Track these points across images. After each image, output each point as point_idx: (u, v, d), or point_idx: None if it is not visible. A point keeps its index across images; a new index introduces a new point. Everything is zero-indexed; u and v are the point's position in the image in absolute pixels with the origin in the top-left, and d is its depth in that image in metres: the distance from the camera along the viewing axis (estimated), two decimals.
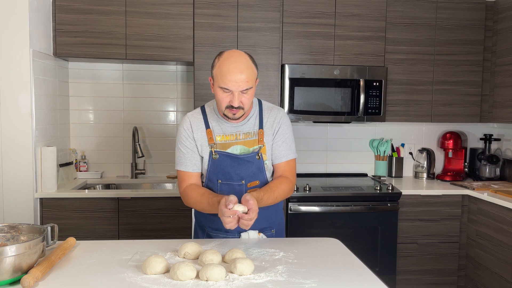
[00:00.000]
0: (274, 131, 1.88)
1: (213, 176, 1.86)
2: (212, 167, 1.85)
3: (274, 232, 1.95)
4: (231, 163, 1.84)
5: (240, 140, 1.86)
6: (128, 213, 2.86)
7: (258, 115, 1.89)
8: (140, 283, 1.34)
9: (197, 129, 1.86)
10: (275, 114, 1.90)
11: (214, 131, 1.86)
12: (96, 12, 2.99)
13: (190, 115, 1.90)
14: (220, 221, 1.86)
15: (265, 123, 1.88)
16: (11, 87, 2.68)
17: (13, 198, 2.71)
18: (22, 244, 1.29)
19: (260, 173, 1.87)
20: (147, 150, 3.49)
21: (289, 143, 1.91)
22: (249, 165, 1.84)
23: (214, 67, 1.76)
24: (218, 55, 1.77)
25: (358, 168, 3.70)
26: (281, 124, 1.89)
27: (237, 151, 1.85)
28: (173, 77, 3.49)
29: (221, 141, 1.85)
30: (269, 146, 1.88)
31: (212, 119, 1.87)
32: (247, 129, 1.86)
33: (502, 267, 2.83)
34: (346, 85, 3.20)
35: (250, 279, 1.37)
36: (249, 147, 1.86)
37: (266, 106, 1.93)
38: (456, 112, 3.41)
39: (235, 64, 1.70)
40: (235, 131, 1.86)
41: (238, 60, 1.72)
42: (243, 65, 1.71)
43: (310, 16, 3.18)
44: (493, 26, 3.38)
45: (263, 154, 1.86)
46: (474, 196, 3.08)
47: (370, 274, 1.45)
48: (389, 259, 3.07)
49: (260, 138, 1.86)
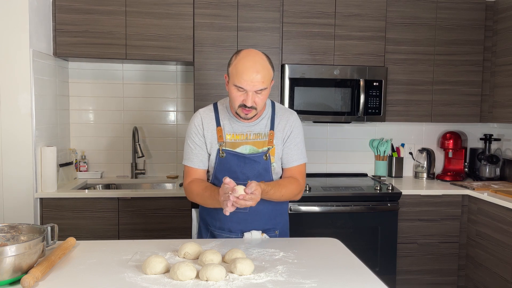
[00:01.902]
0: (285, 135, 1.88)
1: (219, 174, 1.86)
2: (219, 165, 1.86)
3: (277, 233, 1.94)
4: (237, 162, 1.84)
5: (250, 140, 1.86)
6: (128, 213, 2.86)
7: (271, 117, 1.89)
8: (140, 283, 1.34)
9: (207, 126, 1.86)
10: (288, 118, 1.90)
11: (225, 129, 1.86)
12: (96, 12, 2.99)
13: (202, 111, 1.90)
14: (224, 220, 1.86)
15: (277, 125, 1.88)
16: (11, 87, 2.68)
17: (13, 198, 2.71)
18: (22, 244, 1.29)
19: (267, 174, 1.86)
20: (147, 150, 3.49)
21: (301, 147, 1.92)
22: (255, 165, 1.84)
23: (230, 65, 1.76)
24: (235, 53, 1.77)
25: (358, 168, 3.70)
26: (294, 127, 1.90)
27: (246, 151, 1.85)
28: (173, 77, 3.49)
29: (230, 140, 1.85)
30: (278, 149, 1.88)
31: (223, 117, 1.87)
32: (258, 129, 1.86)
33: (502, 267, 2.83)
34: (346, 85, 3.20)
35: (250, 279, 1.37)
36: (258, 148, 1.86)
37: (279, 108, 1.93)
38: (456, 112, 3.41)
39: (251, 63, 1.70)
40: (246, 131, 1.86)
41: (254, 60, 1.71)
42: (260, 65, 1.71)
43: (310, 16, 3.18)
44: (493, 26, 3.38)
45: (271, 156, 1.86)
46: (474, 196, 3.08)
47: (370, 274, 1.45)
48: (389, 259, 3.07)
49: (270, 140, 1.86)
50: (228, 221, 1.88)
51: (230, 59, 1.78)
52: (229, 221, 1.88)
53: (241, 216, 1.85)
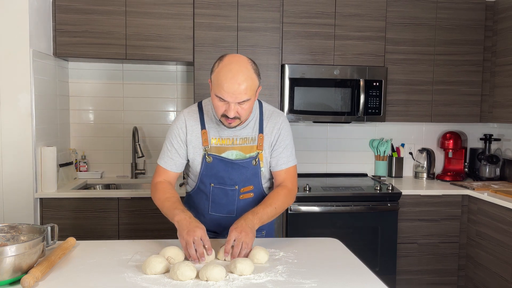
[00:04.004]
0: (274, 138, 1.81)
1: (206, 179, 1.81)
2: (205, 170, 1.80)
3: (264, 234, 1.92)
4: (225, 168, 1.78)
5: (237, 145, 1.78)
6: (128, 213, 2.86)
7: (258, 119, 1.81)
8: (140, 283, 1.34)
9: (191, 129, 1.78)
10: (276, 120, 1.82)
11: (210, 133, 1.78)
12: (96, 12, 2.99)
13: (186, 113, 1.81)
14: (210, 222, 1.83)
15: (265, 127, 1.81)
16: (11, 87, 2.68)
17: (13, 198, 2.71)
18: (22, 244, 1.29)
19: (255, 178, 1.82)
20: (147, 150, 3.49)
21: (290, 149, 1.84)
22: (243, 170, 1.79)
23: (213, 72, 1.64)
24: (219, 59, 1.65)
25: (358, 168, 3.70)
26: (282, 130, 1.81)
27: (232, 156, 1.78)
28: (173, 77, 3.49)
29: (216, 145, 1.78)
30: (266, 153, 1.81)
31: (208, 119, 1.79)
32: (245, 134, 1.78)
33: (502, 267, 2.83)
34: (346, 85, 3.20)
35: (250, 279, 1.37)
36: (245, 153, 1.78)
37: (266, 110, 1.84)
38: (456, 112, 3.41)
39: (233, 73, 1.57)
40: (232, 135, 1.78)
41: (237, 69, 1.58)
42: (243, 76, 1.58)
43: (310, 16, 3.18)
44: (493, 26, 3.38)
45: (260, 161, 1.80)
46: (474, 196, 3.08)
47: (370, 274, 1.45)
48: (389, 259, 3.07)
49: (259, 143, 1.79)
50: (214, 224, 1.84)
51: (213, 64, 1.66)
52: (215, 224, 1.84)
53: (227, 220, 1.78)
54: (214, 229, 1.85)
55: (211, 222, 1.84)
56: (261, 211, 1.67)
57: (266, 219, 1.69)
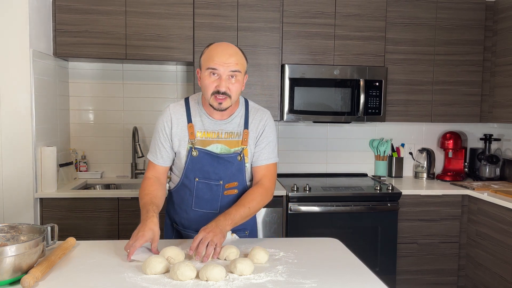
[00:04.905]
0: (258, 134, 1.84)
1: (190, 174, 1.81)
2: (190, 164, 1.80)
3: (248, 234, 1.92)
4: (210, 162, 1.79)
5: (222, 139, 1.80)
6: (128, 213, 2.86)
7: (244, 115, 1.83)
8: (140, 283, 1.34)
9: (177, 122, 1.80)
10: (261, 116, 1.85)
11: (196, 126, 1.79)
12: (96, 12, 2.99)
13: (172, 107, 1.83)
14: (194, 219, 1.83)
15: (250, 123, 1.83)
16: (11, 87, 2.68)
17: (13, 198, 2.71)
18: (22, 244, 1.29)
19: (240, 175, 1.83)
20: (147, 150, 3.47)
21: (272, 146, 1.86)
22: (229, 165, 1.80)
23: (202, 55, 1.74)
24: (206, 47, 1.76)
25: (358, 168, 3.70)
26: (266, 126, 1.84)
27: (217, 149, 1.79)
28: (173, 77, 3.49)
29: (201, 138, 1.79)
30: (252, 148, 1.83)
31: (195, 113, 1.81)
32: (231, 128, 1.80)
33: (502, 267, 2.83)
34: (346, 85, 3.20)
35: (250, 279, 1.37)
36: (230, 148, 1.80)
37: (252, 107, 1.87)
38: (456, 112, 3.41)
39: (223, 47, 1.70)
40: (217, 129, 1.79)
41: (227, 45, 1.72)
42: (233, 50, 1.71)
43: (310, 16, 3.18)
44: (493, 26, 3.38)
45: (245, 156, 1.82)
46: (474, 196, 3.08)
47: (370, 274, 1.45)
48: (389, 259, 3.07)
49: (244, 139, 1.81)
50: (197, 221, 1.82)
51: (202, 52, 1.75)
52: (198, 221, 1.81)
53: (210, 216, 1.76)
54: (196, 226, 1.78)
55: (194, 218, 1.84)
56: (233, 212, 1.68)
57: (239, 220, 1.70)
